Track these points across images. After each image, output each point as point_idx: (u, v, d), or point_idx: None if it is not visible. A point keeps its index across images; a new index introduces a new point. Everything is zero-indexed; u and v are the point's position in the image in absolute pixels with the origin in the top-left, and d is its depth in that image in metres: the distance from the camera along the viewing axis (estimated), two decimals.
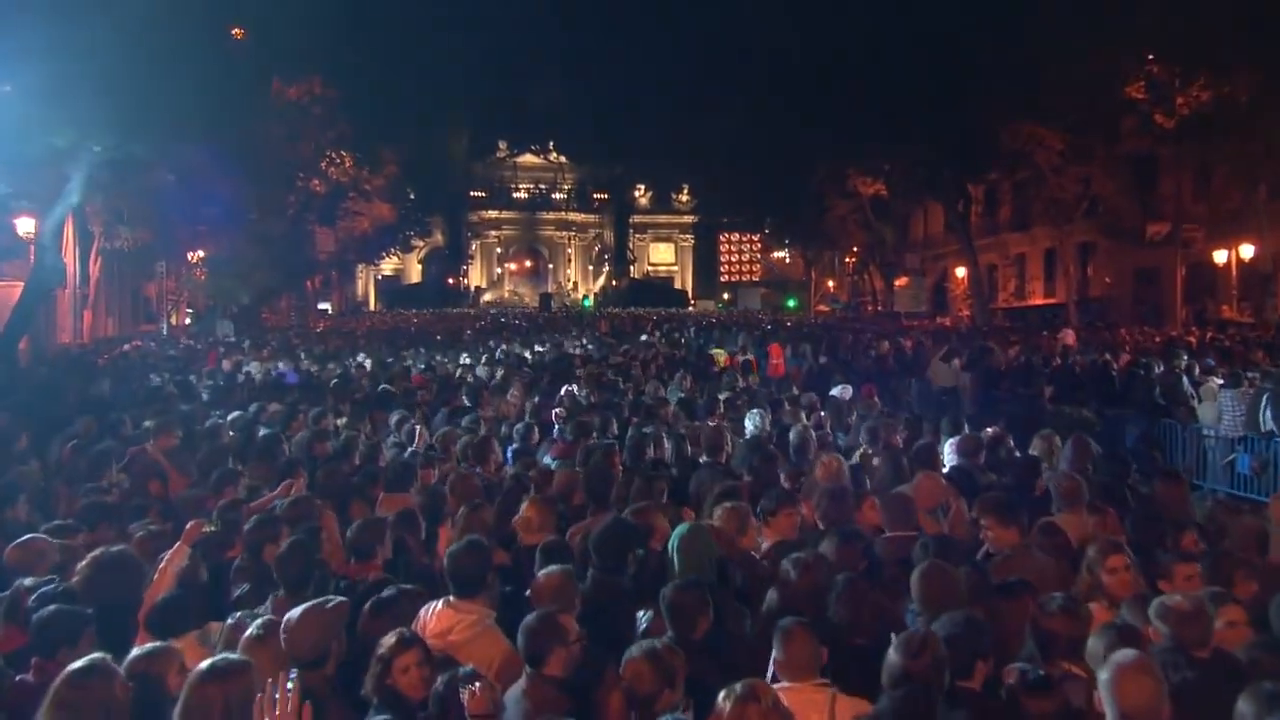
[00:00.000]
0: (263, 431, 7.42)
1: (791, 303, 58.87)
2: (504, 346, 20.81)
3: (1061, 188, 29.46)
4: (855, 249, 49.20)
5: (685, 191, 75.53)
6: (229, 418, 8.44)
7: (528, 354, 18.77)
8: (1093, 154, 27.64)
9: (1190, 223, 28.08)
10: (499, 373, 13.83)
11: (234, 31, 16.21)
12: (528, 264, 76.40)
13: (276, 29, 17.90)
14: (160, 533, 4.45)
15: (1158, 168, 29.45)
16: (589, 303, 65.60)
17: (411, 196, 48.35)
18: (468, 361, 16.63)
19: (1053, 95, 25.93)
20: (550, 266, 74.86)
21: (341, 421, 8.60)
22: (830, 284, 62.52)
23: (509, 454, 7.28)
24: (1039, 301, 36.02)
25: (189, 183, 18.48)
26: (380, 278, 68.68)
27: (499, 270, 73.99)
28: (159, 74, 13.88)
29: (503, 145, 73.08)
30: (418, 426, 7.24)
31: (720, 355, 20.20)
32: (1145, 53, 25.05)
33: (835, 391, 9.83)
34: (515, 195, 72.54)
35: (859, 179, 40.13)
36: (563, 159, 74.08)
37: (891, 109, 31.70)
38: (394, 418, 7.79)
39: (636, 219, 75.72)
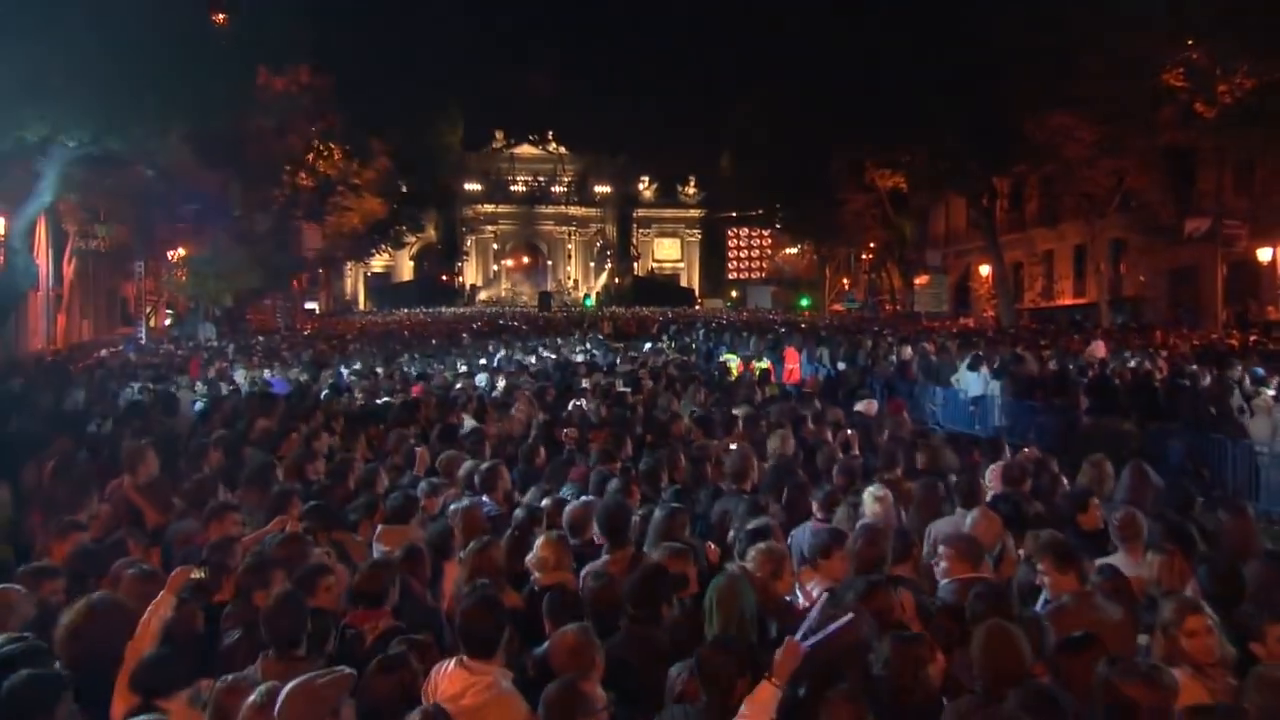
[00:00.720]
0: (252, 451, 7.28)
1: (805, 302, 58.71)
2: (503, 351, 20.70)
3: (1093, 181, 29.27)
4: (872, 245, 49.09)
5: (691, 184, 75.41)
6: (214, 436, 8.31)
7: (531, 359, 18.66)
8: (1127, 146, 27.43)
9: (1232, 218, 27.87)
10: (499, 382, 13.73)
11: (217, 18, 16.09)
12: (525, 260, 76.32)
13: (262, 15, 17.78)
14: (153, 574, 4.31)
15: (1197, 160, 29.26)
16: (590, 302, 65.47)
17: (404, 189, 48.29)
18: (464, 369, 16.51)
19: (1084, 83, 25.75)
20: (549, 263, 74.76)
21: (335, 440, 8.46)
22: (845, 281, 62.38)
23: (515, 474, 7.15)
24: (1068, 301, 35.83)
25: (169, 178, 18.36)
26: (370, 275, 68.64)
27: (495, 267, 73.90)
28: (138, 64, 13.75)
29: (499, 135, 72.97)
30: (418, 449, 7.10)
31: (734, 362, 20.08)
32: (1185, 37, 24.85)
33: (860, 406, 9.70)
34: (513, 188, 72.40)
35: (877, 171, 40.02)
36: (562, 149, 73.95)
37: (912, 96, 31.56)
38: (391, 438, 7.65)
39: (640, 213, 75.57)
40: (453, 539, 5.10)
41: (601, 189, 72.35)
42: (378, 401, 12.18)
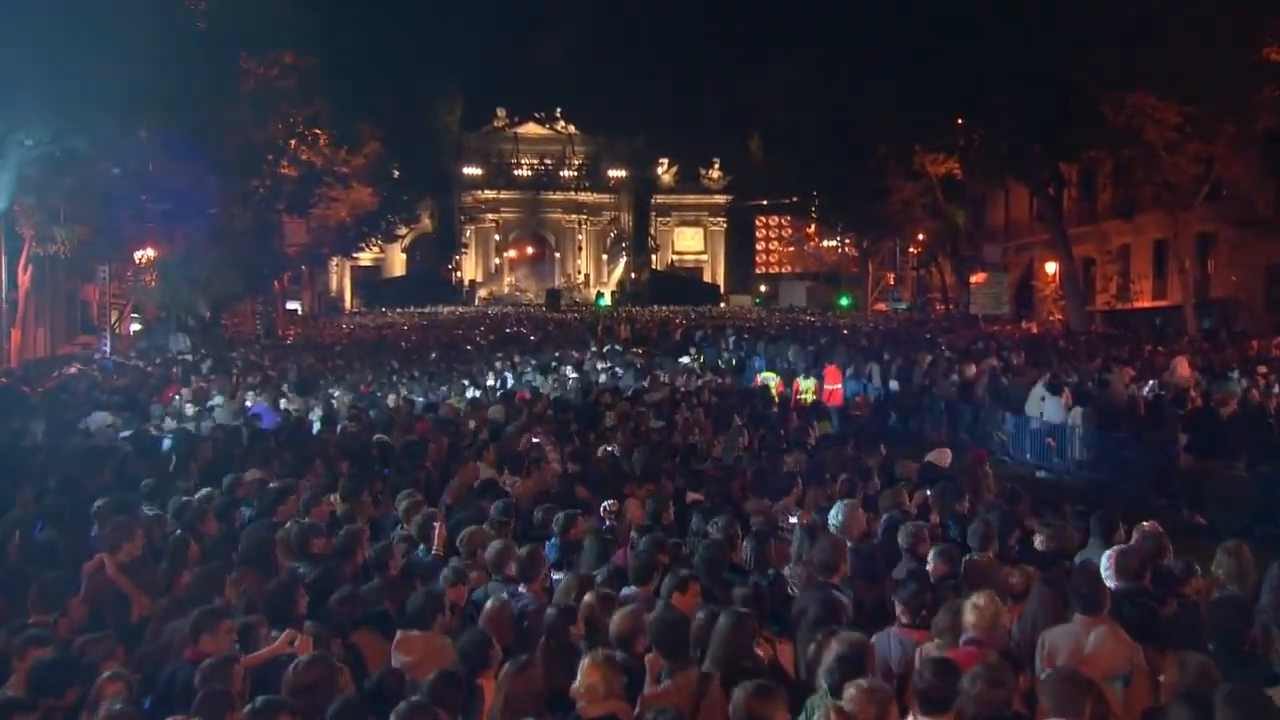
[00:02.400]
0: (249, 530, 7.07)
1: (845, 301, 58.30)
2: (511, 371, 20.48)
3: (1177, 168, 28.78)
4: (920, 236, 48.63)
5: (716, 167, 75.03)
6: (199, 496, 8.11)
7: (545, 379, 18.44)
8: (1218, 129, 26.95)
9: None
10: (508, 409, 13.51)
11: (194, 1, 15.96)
12: (530, 252, 76.15)
13: None
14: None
15: None
16: (604, 301, 65.29)
17: (396, 174, 48.21)
18: (475, 394, 16.33)
19: (1171, 58, 25.30)
20: (557, 256, 74.56)
21: (336, 499, 8.25)
22: (889, 276, 61.95)
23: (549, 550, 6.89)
24: (1147, 304, 35.32)
25: (137, 175, 18.24)
26: (357, 269, 68.51)
27: (497, 260, 73.78)
28: (105, 54, 13.59)
29: (501, 113, 72.81)
30: (436, 525, 6.84)
31: (773, 381, 19.79)
32: None
33: (933, 457, 9.37)
34: (516, 173, 72.18)
35: (927, 156, 39.58)
36: (572, 129, 73.72)
37: (969, 71, 31.12)
38: (402, 504, 7.41)
39: (659, 199, 75.22)
40: (489, 649, 4.84)
41: (615, 173, 72.00)
42: (377, 437, 11.98)
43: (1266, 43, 24.52)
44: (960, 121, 36.18)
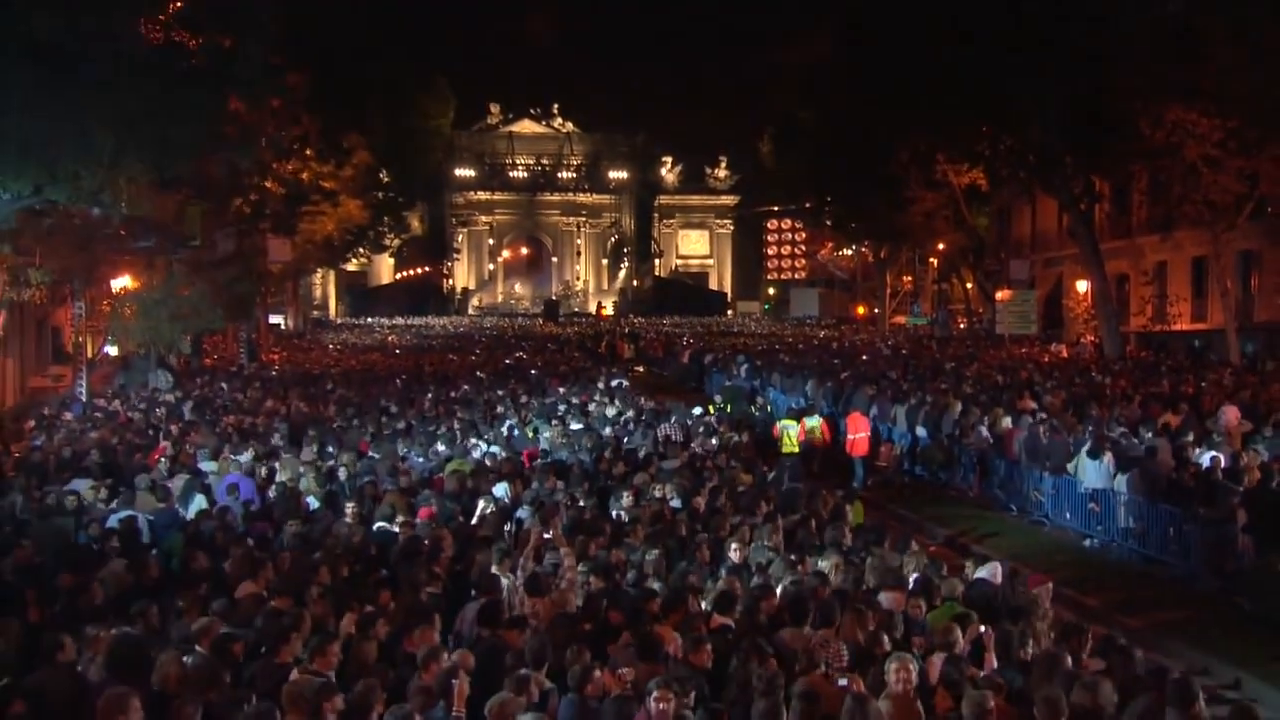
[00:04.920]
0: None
1: (861, 310, 58.30)
2: (514, 413, 20.36)
3: (1219, 186, 28.64)
4: (940, 246, 48.52)
5: (722, 166, 74.92)
6: (196, 627, 7.97)
7: (550, 428, 18.31)
8: (1263, 146, 26.84)
9: None
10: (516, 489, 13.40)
11: (186, 40, 15.82)
12: (524, 251, 75.97)
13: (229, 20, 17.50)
14: None
15: None
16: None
17: (384, 178, 48.08)
18: (478, 453, 16.20)
19: (1215, 73, 25.21)
20: (555, 260, 74.41)
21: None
22: (906, 281, 61.83)
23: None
24: (1185, 327, 35.18)
25: (116, 212, 18.14)
26: (343, 274, 68.23)
27: (491, 266, 73.67)
28: (90, 104, 13.47)
29: (495, 109, 72.67)
30: (456, 681, 6.68)
31: (792, 430, 19.63)
32: None
33: (985, 573, 9.19)
34: (511, 173, 72.03)
35: (950, 165, 39.46)
36: (569, 126, 73.56)
37: (997, 76, 30.91)
38: (421, 655, 7.24)
39: (662, 200, 75.14)
40: None
41: (616, 174, 71.85)
42: (378, 526, 11.86)
43: None
44: (986, 129, 36.01)
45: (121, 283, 24.17)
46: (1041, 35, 29.23)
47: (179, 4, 17.13)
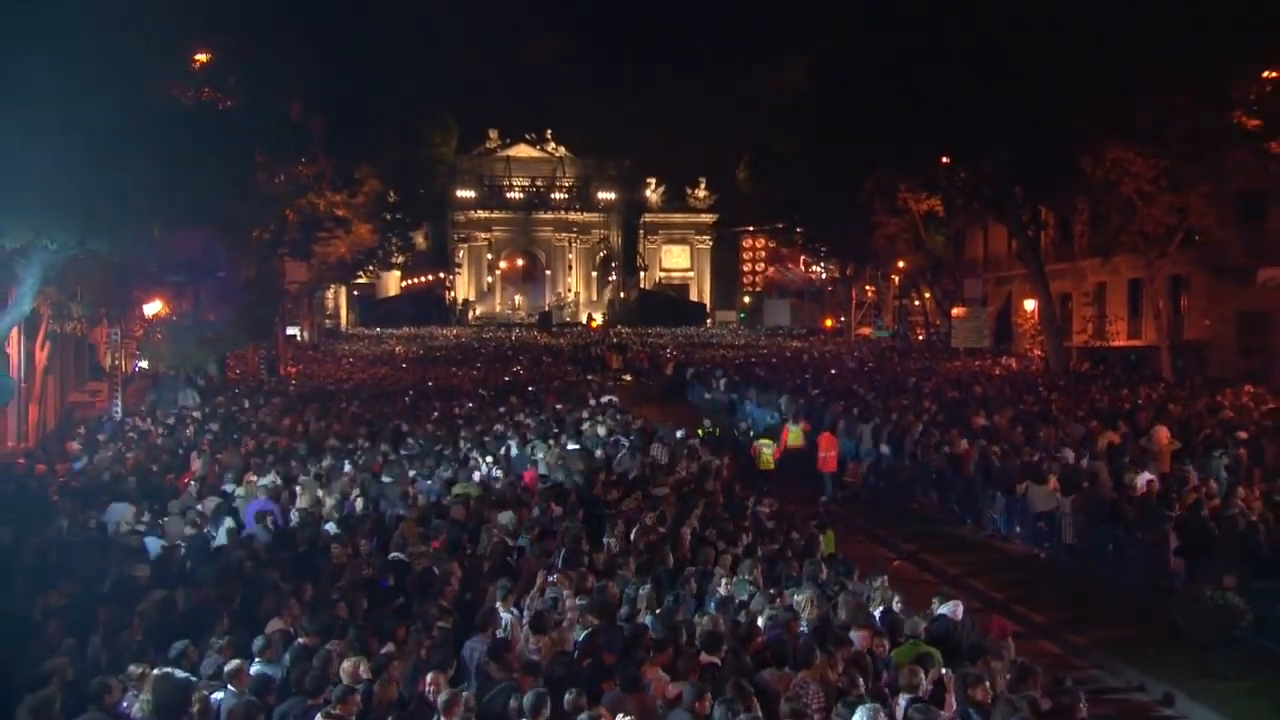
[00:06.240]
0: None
1: (829, 322, 58.65)
2: (514, 433, 20.34)
3: (1152, 219, 28.96)
4: (901, 265, 48.76)
5: (702, 186, 75.12)
6: (228, 669, 7.98)
7: (546, 448, 18.29)
8: (1192, 183, 27.18)
9: None
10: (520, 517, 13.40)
11: (218, 101, 15.81)
12: (521, 264, 75.95)
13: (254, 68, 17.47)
14: None
15: (1267, 198, 28.98)
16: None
17: (392, 200, 47.99)
18: (479, 474, 16.18)
19: (1149, 118, 25.51)
20: (548, 273, 74.49)
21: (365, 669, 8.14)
22: (870, 291, 62.07)
23: None
24: (1122, 343, 35.53)
25: (153, 253, 18.12)
26: (354, 285, 68.11)
27: (489, 279, 73.65)
28: (125, 160, 13.46)
29: (493, 135, 72.62)
30: None
31: (768, 451, 19.79)
32: (1260, 70, 24.60)
33: (945, 609, 9.28)
34: (509, 194, 72.06)
35: (911, 195, 39.70)
36: (562, 150, 73.58)
37: (954, 114, 31.13)
38: (444, 701, 7.27)
39: (647, 218, 75.32)
40: None
41: (605, 194, 72.02)
42: (394, 556, 11.82)
43: (1239, 107, 24.76)
44: (945, 163, 36.30)
45: (154, 308, 24.12)
46: (994, 81, 29.51)
47: (202, 59, 17.15)
